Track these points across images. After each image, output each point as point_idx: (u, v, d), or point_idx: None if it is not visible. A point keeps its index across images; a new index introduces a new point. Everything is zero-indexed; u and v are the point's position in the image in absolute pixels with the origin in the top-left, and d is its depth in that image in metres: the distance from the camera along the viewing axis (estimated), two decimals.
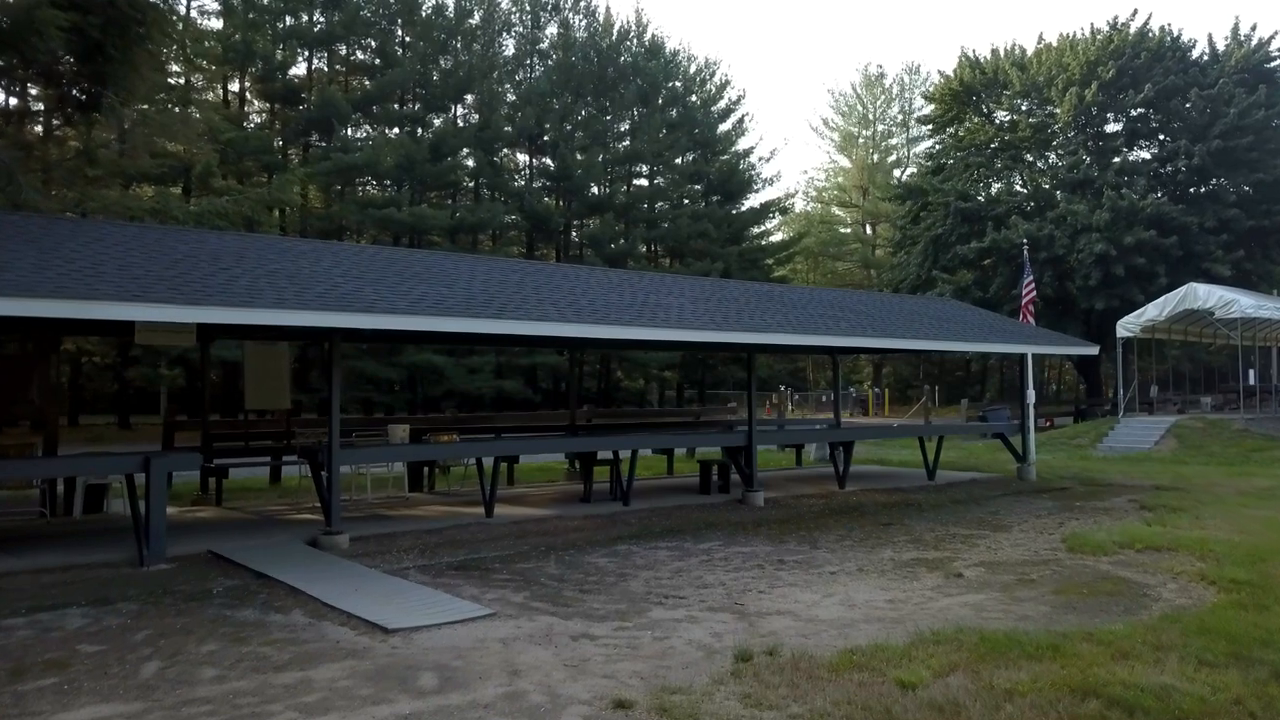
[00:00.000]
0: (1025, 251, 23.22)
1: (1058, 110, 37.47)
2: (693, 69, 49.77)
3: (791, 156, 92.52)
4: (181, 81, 36.08)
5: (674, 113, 46.60)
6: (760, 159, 69.36)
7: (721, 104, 49.87)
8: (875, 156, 65.14)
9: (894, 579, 8.95)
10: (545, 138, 43.15)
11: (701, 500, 14.11)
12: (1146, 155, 37.94)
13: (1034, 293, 22.53)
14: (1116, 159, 36.50)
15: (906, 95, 63.62)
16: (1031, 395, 19.53)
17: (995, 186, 41.05)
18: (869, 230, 66.87)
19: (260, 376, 14.06)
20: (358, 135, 38.43)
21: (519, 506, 13.40)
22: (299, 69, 38.84)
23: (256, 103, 39.63)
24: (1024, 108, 39.94)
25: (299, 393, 35.16)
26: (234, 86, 38.22)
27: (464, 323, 9.92)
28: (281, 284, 9.62)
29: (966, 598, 8.17)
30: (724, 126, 49.57)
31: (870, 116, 65.03)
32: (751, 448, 14.01)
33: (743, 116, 50.80)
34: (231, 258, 10.30)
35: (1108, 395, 39.83)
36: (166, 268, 9.26)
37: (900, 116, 64.18)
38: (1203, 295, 27.21)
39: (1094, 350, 19.06)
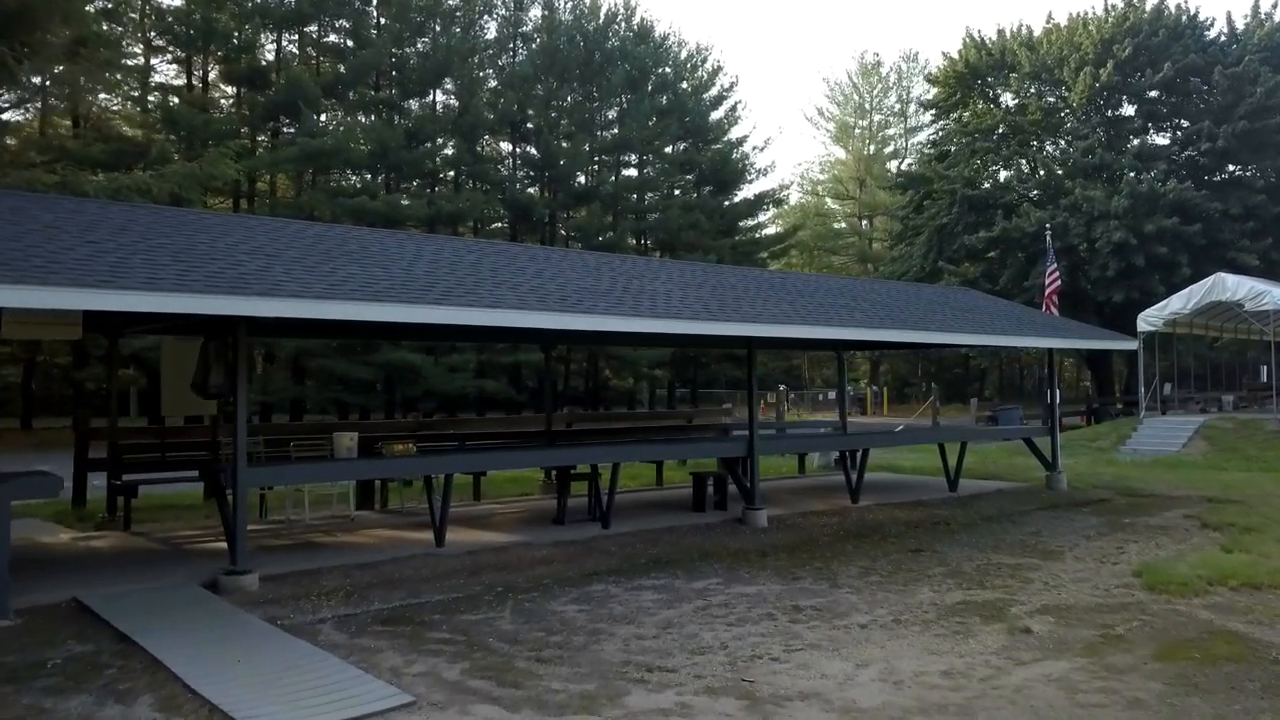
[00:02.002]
0: (1049, 237, 21.34)
1: (1070, 93, 35.51)
2: (683, 54, 47.87)
3: (786, 147, 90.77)
4: (141, 62, 34.11)
5: (664, 100, 44.61)
6: (754, 148, 67.32)
7: (713, 91, 47.92)
8: (872, 147, 63.23)
9: (943, 635, 6.97)
10: (529, 125, 41.11)
11: (695, 520, 12.12)
12: (1163, 140, 36.02)
13: (1058, 282, 20.59)
14: (1135, 141, 34.55)
15: (904, 84, 61.80)
16: (1055, 395, 17.63)
17: (1004, 174, 39.10)
18: (865, 224, 64.98)
19: (179, 377, 11.98)
20: (330, 121, 36.33)
21: (479, 530, 11.38)
22: (267, 52, 36.74)
23: (228, 89, 37.55)
24: (1033, 90, 37.98)
25: (262, 394, 33.22)
26: (198, 73, 36.13)
27: (396, 310, 7.91)
28: (163, 261, 7.59)
29: (1046, 667, 6.19)
30: (716, 114, 47.59)
31: (867, 106, 63.15)
32: (753, 458, 12.03)
33: (735, 104, 48.90)
34: (109, 230, 8.26)
35: (1118, 393, 37.99)
36: (10, 240, 7.21)
37: (898, 106, 62.37)
38: (1232, 286, 25.33)
39: (1132, 345, 17.20)
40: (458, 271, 9.75)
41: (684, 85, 46.53)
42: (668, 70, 46.08)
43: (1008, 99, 39.79)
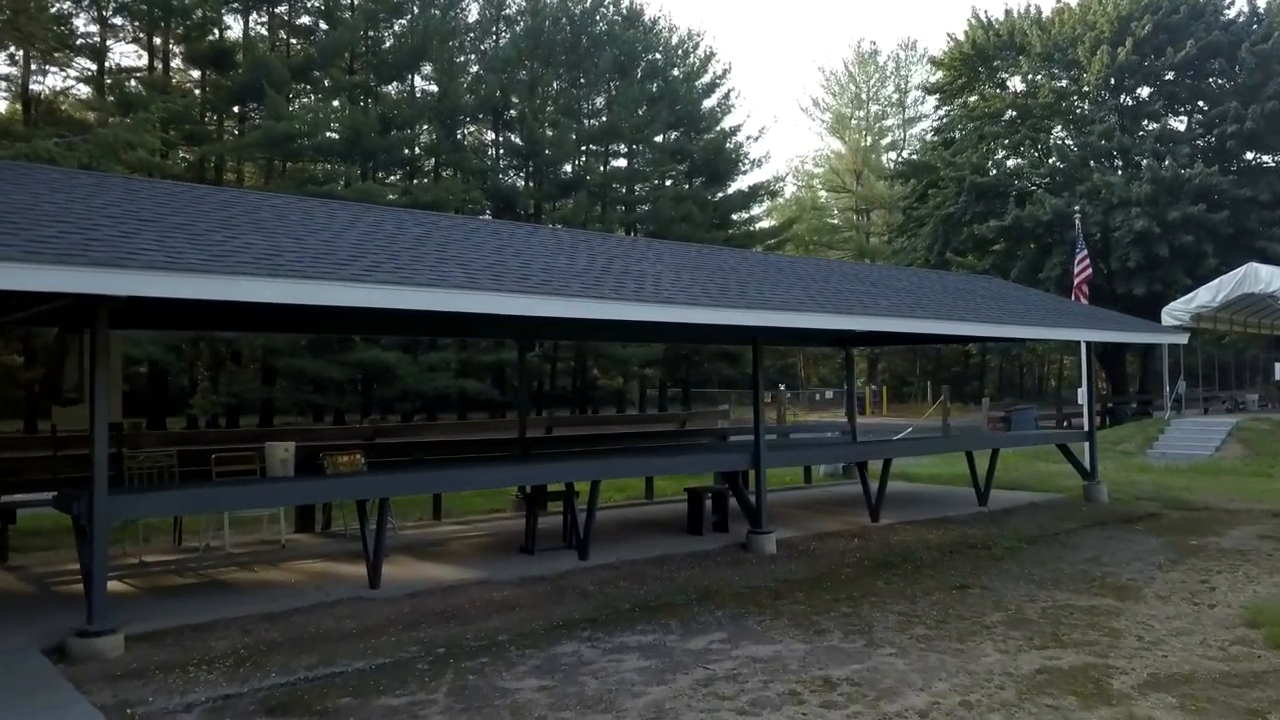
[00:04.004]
0: (1078, 222, 19.52)
1: (1086, 74, 33.58)
2: (674, 40, 45.88)
3: (781, 139, 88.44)
4: (97, 42, 32.02)
5: (654, 86, 42.56)
6: (748, 138, 65.28)
7: (705, 78, 45.89)
8: (869, 139, 61.36)
9: None
10: (512, 111, 39.09)
11: (691, 546, 10.18)
12: (1179, 125, 34.13)
13: (1089, 270, 18.73)
14: (1152, 125, 32.65)
15: (902, 73, 59.89)
16: (1093, 395, 15.81)
17: (1013, 161, 37.17)
18: (862, 218, 63.14)
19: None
20: (300, 105, 34.25)
21: (430, 562, 9.44)
22: (235, 33, 34.66)
23: (194, 73, 35.46)
24: (1044, 72, 35.99)
25: (228, 396, 31.23)
26: (159, 55, 34.02)
27: (298, 287, 5.99)
28: None
29: None
30: (708, 103, 45.60)
31: (863, 96, 61.25)
32: (760, 471, 10.13)
33: (728, 92, 46.79)
34: None
35: (1133, 392, 36.25)
36: None
37: (896, 96, 60.43)
38: (1265, 277, 23.57)
39: (1183, 339, 15.42)
40: (395, 245, 7.81)
41: (675, 72, 44.55)
42: (658, 56, 44.09)
43: (1016, 83, 37.90)
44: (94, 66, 31.84)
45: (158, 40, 33.23)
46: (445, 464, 11.11)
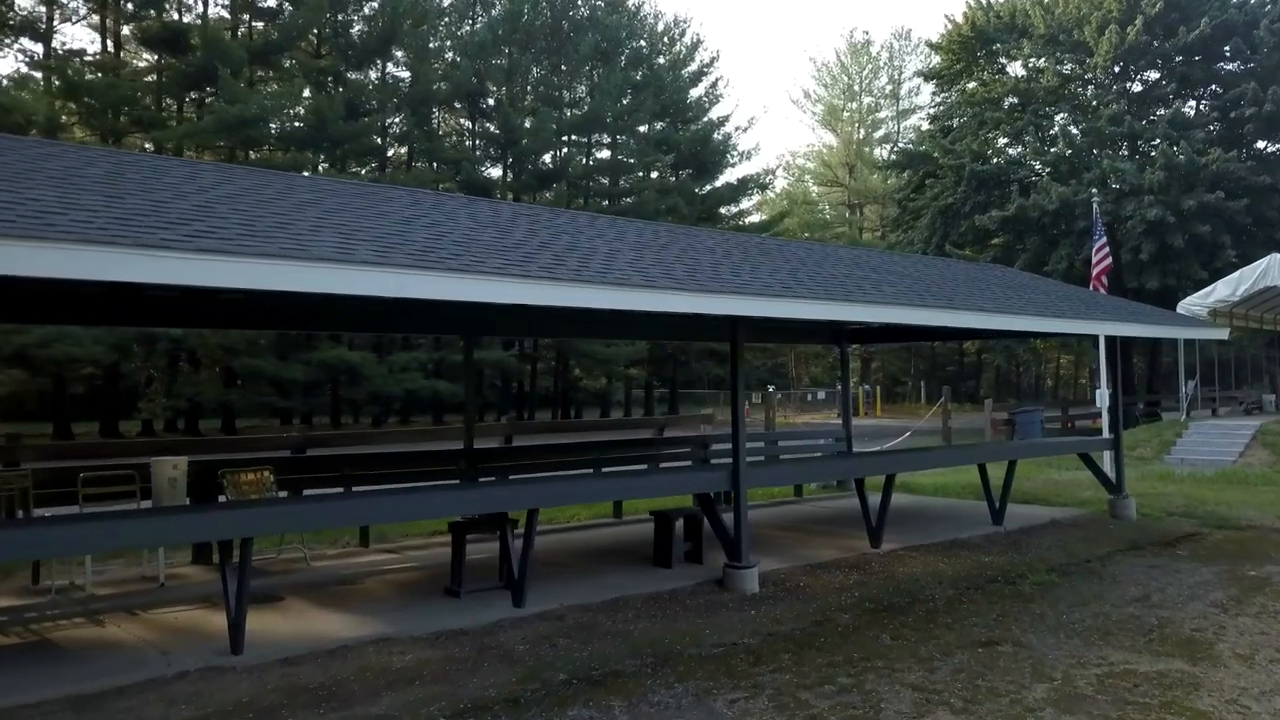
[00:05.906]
0: (1096, 209, 17.88)
1: (1093, 57, 31.86)
2: (660, 26, 44.40)
3: (771, 131, 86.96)
4: (44, 24, 30.14)
5: (638, 74, 40.89)
6: (737, 129, 64.03)
7: (692, 67, 44.33)
8: (862, 132, 59.73)
9: None
10: (489, 99, 37.33)
11: (656, 583, 8.40)
12: (1189, 111, 32.42)
13: (1109, 260, 17.07)
14: (1164, 110, 30.95)
15: (895, 64, 58.26)
16: (1119, 398, 14.08)
17: (1015, 149, 35.44)
18: (853, 213, 61.47)
19: None
20: (265, 92, 32.40)
21: (328, 609, 7.63)
22: (193, 15, 32.77)
23: (151, 57, 33.57)
24: (1048, 55, 34.22)
25: (183, 399, 29.36)
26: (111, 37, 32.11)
27: (112, 259, 4.18)
28: None
29: None
30: (695, 92, 44.04)
31: (856, 88, 59.61)
32: (740, 493, 8.38)
33: (716, 81, 45.68)
34: None
35: (1139, 392, 34.62)
36: None
37: (889, 88, 58.78)
38: None
39: (1223, 334, 13.85)
40: (263, 210, 6.03)
41: (660, 60, 42.92)
42: (642, 43, 42.48)
43: (1017, 68, 36.18)
44: (40, 48, 29.99)
45: (110, 22, 31.42)
46: (373, 483, 9.43)
